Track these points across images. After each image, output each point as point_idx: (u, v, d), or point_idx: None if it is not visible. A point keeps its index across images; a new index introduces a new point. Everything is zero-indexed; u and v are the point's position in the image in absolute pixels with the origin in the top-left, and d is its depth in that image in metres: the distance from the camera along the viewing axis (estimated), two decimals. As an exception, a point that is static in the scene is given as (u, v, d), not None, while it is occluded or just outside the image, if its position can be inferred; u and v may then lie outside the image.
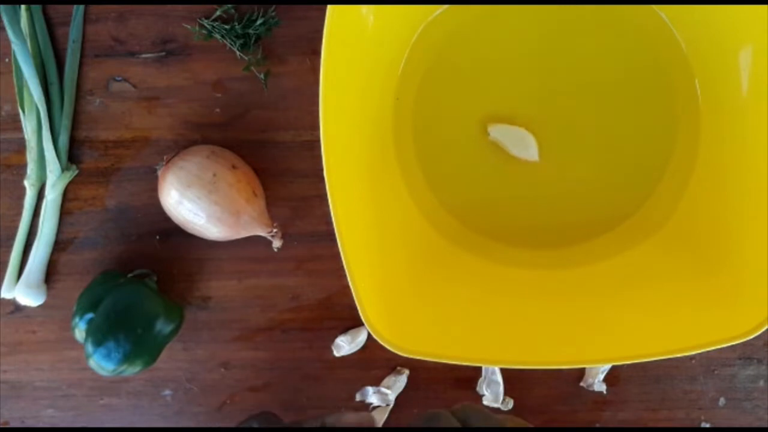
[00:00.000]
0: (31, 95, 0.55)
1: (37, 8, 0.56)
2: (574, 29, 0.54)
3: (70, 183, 0.56)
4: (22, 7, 0.55)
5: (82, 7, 0.56)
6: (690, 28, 0.52)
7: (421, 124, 0.54)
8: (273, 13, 0.55)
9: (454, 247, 0.54)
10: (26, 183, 0.56)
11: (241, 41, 0.55)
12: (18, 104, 0.56)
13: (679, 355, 0.47)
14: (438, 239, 0.54)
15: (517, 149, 0.54)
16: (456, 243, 0.54)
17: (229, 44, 0.55)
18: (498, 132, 0.53)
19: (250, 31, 0.55)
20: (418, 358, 0.46)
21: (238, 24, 0.55)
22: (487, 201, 0.55)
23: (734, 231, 0.51)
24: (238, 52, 0.55)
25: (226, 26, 0.55)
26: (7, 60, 0.56)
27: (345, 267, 0.45)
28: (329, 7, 0.44)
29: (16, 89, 0.56)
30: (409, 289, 0.51)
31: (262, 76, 0.56)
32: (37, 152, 0.56)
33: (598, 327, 0.50)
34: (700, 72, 0.53)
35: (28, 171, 0.56)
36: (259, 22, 0.55)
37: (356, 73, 0.50)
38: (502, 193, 0.55)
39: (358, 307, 0.45)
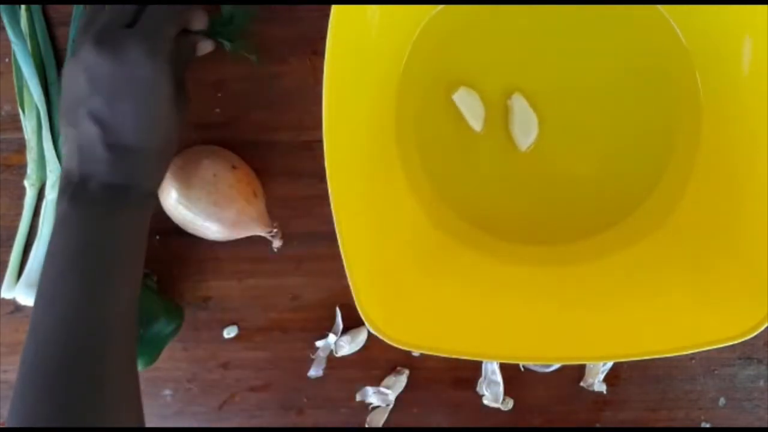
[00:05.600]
0: (31, 95, 0.55)
1: (37, 8, 0.56)
2: (574, 24, 0.54)
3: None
4: (22, 7, 0.55)
5: (82, 7, 0.56)
6: (690, 21, 0.52)
7: (423, 119, 0.54)
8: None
9: (455, 244, 0.54)
10: (26, 183, 0.56)
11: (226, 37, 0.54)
12: (18, 104, 0.56)
13: (679, 354, 0.47)
14: (439, 236, 0.54)
15: (518, 128, 0.54)
16: (457, 240, 0.54)
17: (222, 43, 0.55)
18: (517, 103, 0.53)
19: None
20: (415, 351, 0.46)
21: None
22: (489, 197, 0.55)
23: (734, 229, 0.51)
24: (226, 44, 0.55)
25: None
26: (7, 60, 0.56)
27: (343, 259, 0.45)
28: (334, 7, 0.45)
29: (16, 89, 0.56)
30: (409, 285, 0.51)
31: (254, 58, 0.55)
32: (37, 152, 0.56)
33: (598, 324, 0.50)
34: (700, 64, 0.53)
35: (28, 171, 0.56)
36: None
37: (358, 72, 0.50)
38: (504, 189, 0.55)
39: (355, 299, 0.46)
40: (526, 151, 0.54)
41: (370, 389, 0.58)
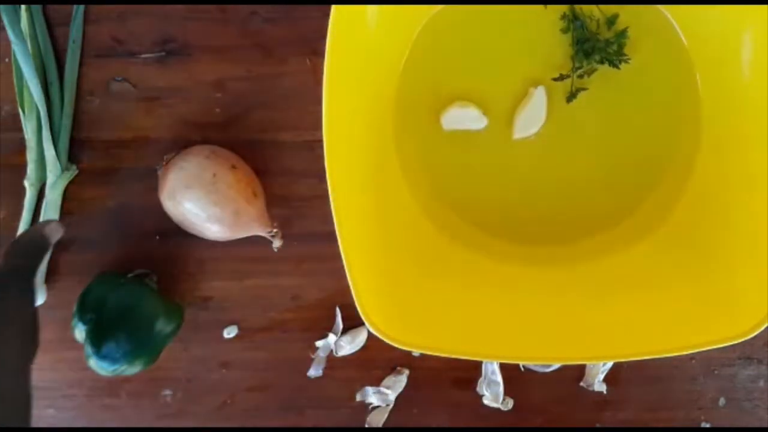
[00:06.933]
0: (31, 95, 0.55)
1: (37, 8, 0.56)
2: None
3: (70, 183, 0.56)
4: (22, 7, 0.55)
5: (82, 7, 0.56)
6: (691, 21, 0.52)
7: (422, 119, 0.54)
8: None
9: (455, 244, 0.54)
10: (26, 183, 0.56)
11: None
12: (18, 104, 0.56)
13: (679, 355, 0.47)
14: (439, 236, 0.54)
15: (523, 119, 0.54)
16: (457, 240, 0.54)
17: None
18: (537, 95, 0.53)
19: None
20: (415, 351, 0.46)
21: None
22: (489, 197, 0.55)
23: (733, 230, 0.51)
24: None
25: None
26: (7, 60, 0.56)
27: (343, 259, 0.46)
28: (334, 7, 0.45)
29: (16, 89, 0.56)
30: (409, 285, 0.51)
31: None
32: (37, 152, 0.56)
33: (597, 324, 0.50)
34: (700, 64, 0.53)
35: (28, 171, 0.56)
36: None
37: (358, 72, 0.50)
38: (504, 189, 0.55)
39: (355, 299, 0.46)
40: (518, 140, 0.54)
41: (370, 389, 0.58)
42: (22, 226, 0.56)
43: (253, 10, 0.56)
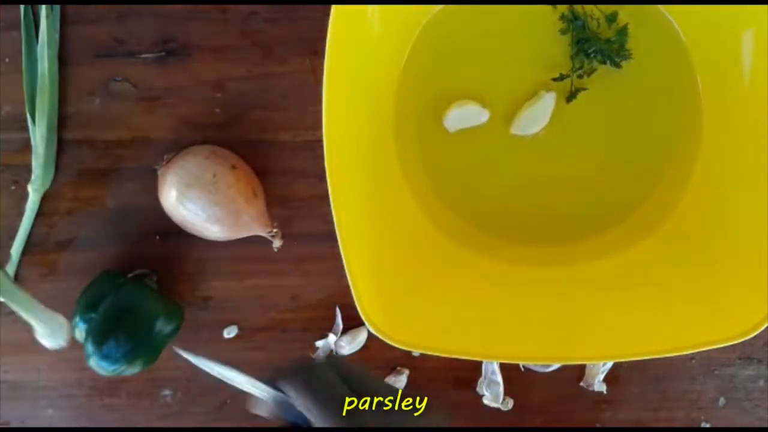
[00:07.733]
0: (44, 102, 0.54)
1: (54, 18, 0.55)
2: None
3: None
4: (43, 13, 0.55)
5: (57, 7, 0.55)
6: (691, 22, 0.52)
7: (422, 119, 0.54)
8: None
9: (455, 245, 0.54)
10: (30, 188, 0.55)
11: None
12: (27, 110, 0.55)
13: (678, 355, 0.47)
14: (439, 236, 0.54)
15: (525, 119, 0.54)
16: (457, 240, 0.54)
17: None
18: (546, 99, 0.53)
19: None
20: (415, 351, 0.46)
21: None
22: (489, 198, 0.55)
23: (733, 230, 0.51)
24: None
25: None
26: (7, 60, 0.56)
27: (343, 259, 0.45)
28: (334, 7, 0.45)
29: (25, 95, 0.55)
30: (409, 285, 0.51)
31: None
32: (44, 159, 0.55)
33: (597, 324, 0.50)
34: (701, 66, 0.53)
35: (33, 176, 0.55)
36: None
37: (358, 72, 0.50)
38: (504, 190, 0.55)
39: (355, 299, 0.46)
40: (518, 140, 0.54)
41: (370, 389, 0.58)
42: (23, 230, 0.56)
43: (253, 10, 0.56)
